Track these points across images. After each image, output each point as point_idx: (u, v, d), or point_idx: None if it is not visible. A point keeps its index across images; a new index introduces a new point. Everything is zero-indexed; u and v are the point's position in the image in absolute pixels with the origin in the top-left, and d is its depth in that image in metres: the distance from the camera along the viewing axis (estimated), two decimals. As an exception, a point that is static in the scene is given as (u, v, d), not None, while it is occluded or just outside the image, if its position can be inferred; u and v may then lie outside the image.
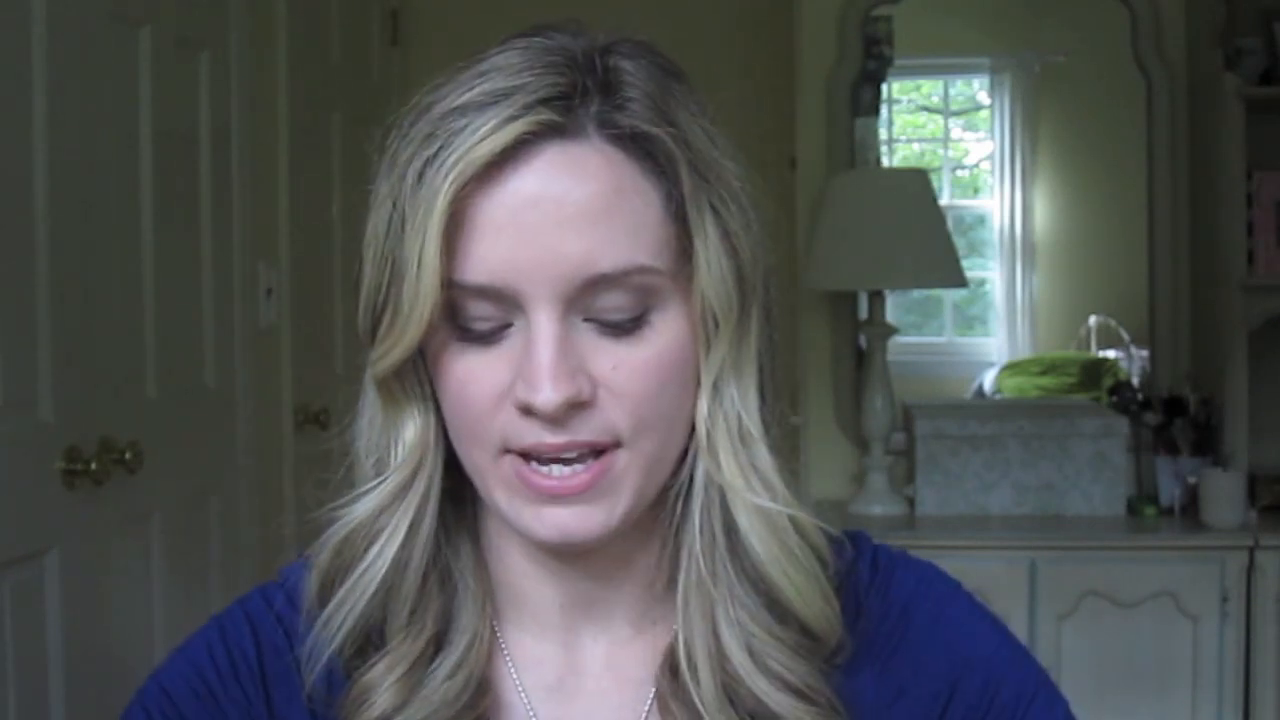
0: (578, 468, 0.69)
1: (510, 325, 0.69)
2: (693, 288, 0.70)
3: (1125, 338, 3.29)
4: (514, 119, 0.66)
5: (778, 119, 3.13)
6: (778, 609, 0.73)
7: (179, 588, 2.27)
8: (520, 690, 0.77)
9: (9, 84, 1.83)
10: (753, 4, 3.52)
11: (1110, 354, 3.34)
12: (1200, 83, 2.85)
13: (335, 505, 0.75)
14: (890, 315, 2.93)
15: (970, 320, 3.62)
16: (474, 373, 0.69)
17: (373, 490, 0.74)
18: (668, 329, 0.70)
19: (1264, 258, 2.71)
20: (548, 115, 0.66)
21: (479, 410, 0.69)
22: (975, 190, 3.61)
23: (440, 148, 0.66)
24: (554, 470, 0.69)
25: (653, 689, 0.76)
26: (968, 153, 3.69)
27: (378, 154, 0.71)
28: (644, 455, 0.70)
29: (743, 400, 0.73)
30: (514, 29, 0.71)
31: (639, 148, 0.68)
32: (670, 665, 0.75)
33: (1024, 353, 3.44)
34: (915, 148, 3.69)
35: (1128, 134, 3.04)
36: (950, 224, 2.91)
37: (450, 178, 0.65)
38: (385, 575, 0.73)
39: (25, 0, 1.86)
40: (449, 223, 0.66)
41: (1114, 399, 2.99)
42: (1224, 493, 2.60)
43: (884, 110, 3.25)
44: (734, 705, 0.72)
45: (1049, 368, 3.38)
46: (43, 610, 1.89)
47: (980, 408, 3.17)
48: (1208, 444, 2.74)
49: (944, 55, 3.51)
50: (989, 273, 3.48)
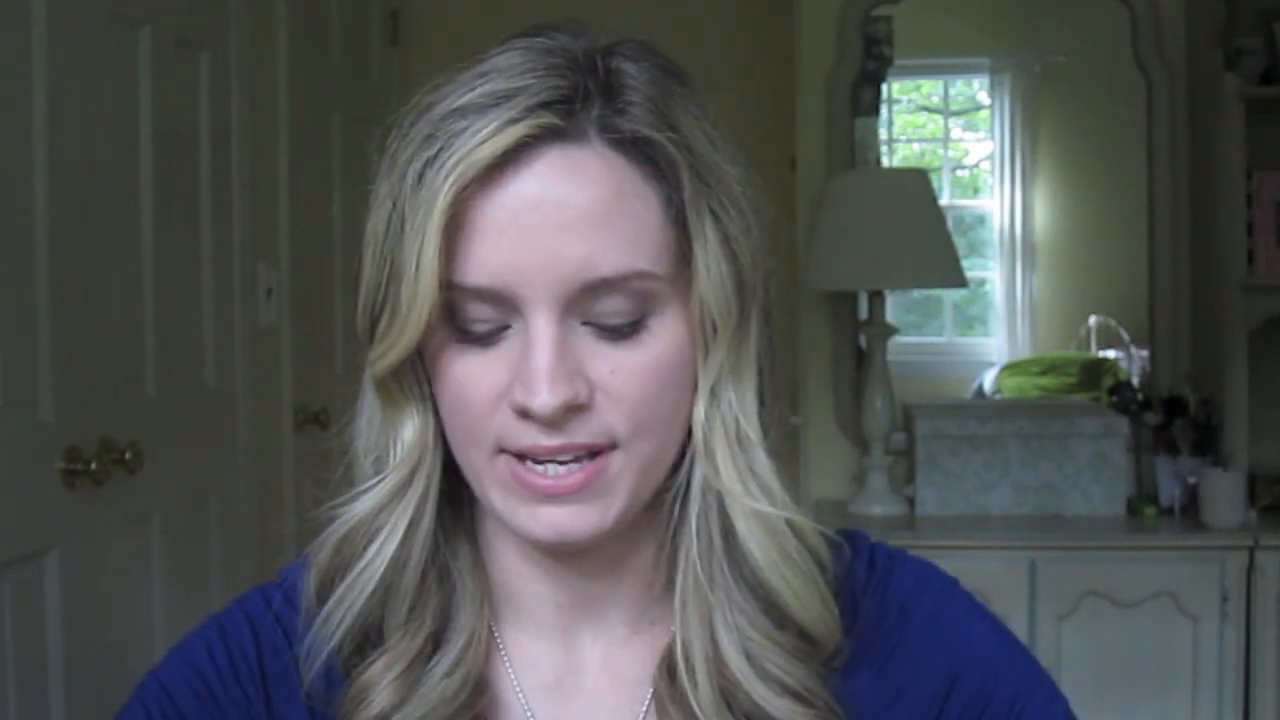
0: (573, 467, 0.69)
1: (509, 327, 0.69)
2: (692, 293, 0.70)
3: (1125, 338, 3.29)
4: (515, 122, 0.65)
5: (778, 119, 3.13)
6: (775, 613, 0.73)
7: (179, 588, 2.27)
8: (518, 690, 0.77)
9: (9, 84, 1.83)
10: (753, 4, 3.52)
11: (1110, 354, 3.34)
12: (1200, 83, 2.85)
13: (334, 504, 0.75)
14: (890, 315, 2.93)
15: (970, 320, 3.61)
16: (472, 374, 0.69)
17: (372, 489, 0.74)
18: (666, 333, 0.70)
19: (1264, 258, 2.71)
20: (549, 119, 0.66)
21: (476, 411, 0.69)
22: (975, 190, 3.60)
23: (441, 149, 0.66)
24: (549, 469, 0.69)
25: (650, 690, 0.76)
26: (968, 153, 3.69)
27: (378, 154, 0.71)
28: (640, 457, 0.70)
29: (741, 405, 0.72)
30: (514, 29, 0.71)
31: (640, 152, 0.68)
32: (668, 667, 0.75)
33: (1024, 353, 3.44)
34: (915, 148, 3.69)
35: (1128, 134, 3.04)
36: (950, 224, 2.91)
37: (450, 179, 0.65)
38: (384, 573, 0.73)
39: (25, 0, 1.86)
40: (448, 224, 0.66)
41: (1114, 399, 2.99)
42: (1224, 493, 2.60)
43: (884, 110, 3.25)
44: (731, 708, 0.72)
45: (1049, 368, 3.38)
46: (43, 610, 1.89)
47: (980, 408, 3.17)
48: (1208, 444, 2.74)
49: (944, 55, 3.51)
50: (989, 273, 3.48)
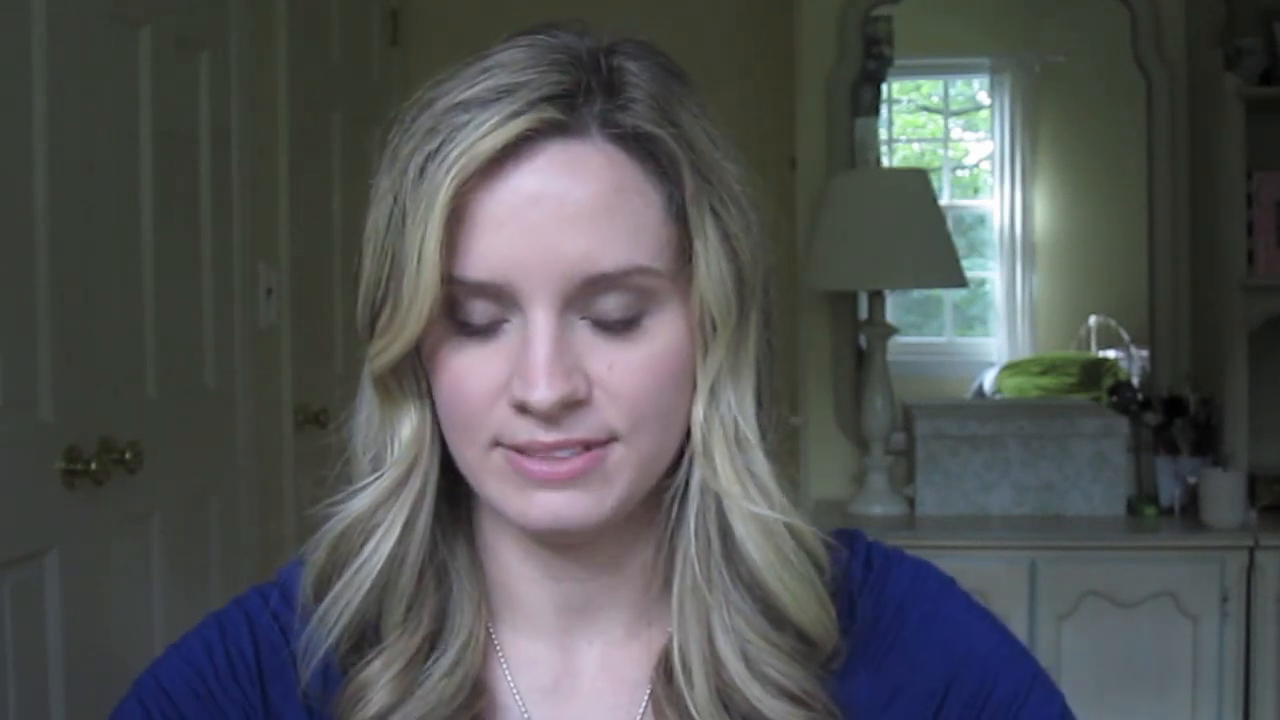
0: (569, 452, 0.69)
1: (508, 322, 0.69)
2: (692, 290, 0.70)
3: (1125, 338, 3.29)
4: (517, 115, 0.65)
5: (778, 119, 3.13)
6: (773, 614, 0.73)
7: (179, 588, 2.27)
8: (515, 692, 0.77)
9: (9, 84, 1.83)
10: (753, 4, 3.52)
11: (1110, 354, 3.34)
12: (1200, 83, 2.85)
13: (331, 501, 0.75)
14: (890, 315, 2.93)
15: (970, 320, 3.61)
16: (470, 369, 0.69)
17: (369, 486, 0.74)
18: (665, 330, 0.70)
19: (1264, 258, 2.71)
20: (551, 113, 0.66)
21: (474, 406, 0.69)
22: (975, 190, 3.60)
23: (443, 142, 0.66)
24: (544, 463, 0.69)
25: (648, 691, 0.76)
26: (968, 153, 3.69)
27: (379, 150, 0.71)
28: (638, 451, 0.70)
29: (739, 405, 0.72)
30: (514, 29, 0.71)
31: (641, 148, 0.68)
32: (665, 669, 0.75)
33: (1024, 353, 3.44)
34: (915, 148, 3.69)
35: (1128, 134, 3.04)
36: (950, 224, 2.91)
37: (452, 173, 0.65)
38: (381, 570, 0.73)
39: (25, 0, 1.86)
40: (449, 218, 0.66)
41: (1114, 399, 2.99)
42: (1224, 493, 2.60)
43: (884, 110, 3.25)
44: (728, 710, 0.72)
45: (1049, 368, 3.38)
46: (43, 610, 1.89)
47: (980, 408, 3.17)
48: (1208, 444, 2.74)
49: (944, 55, 3.51)
50: (989, 273, 3.48)
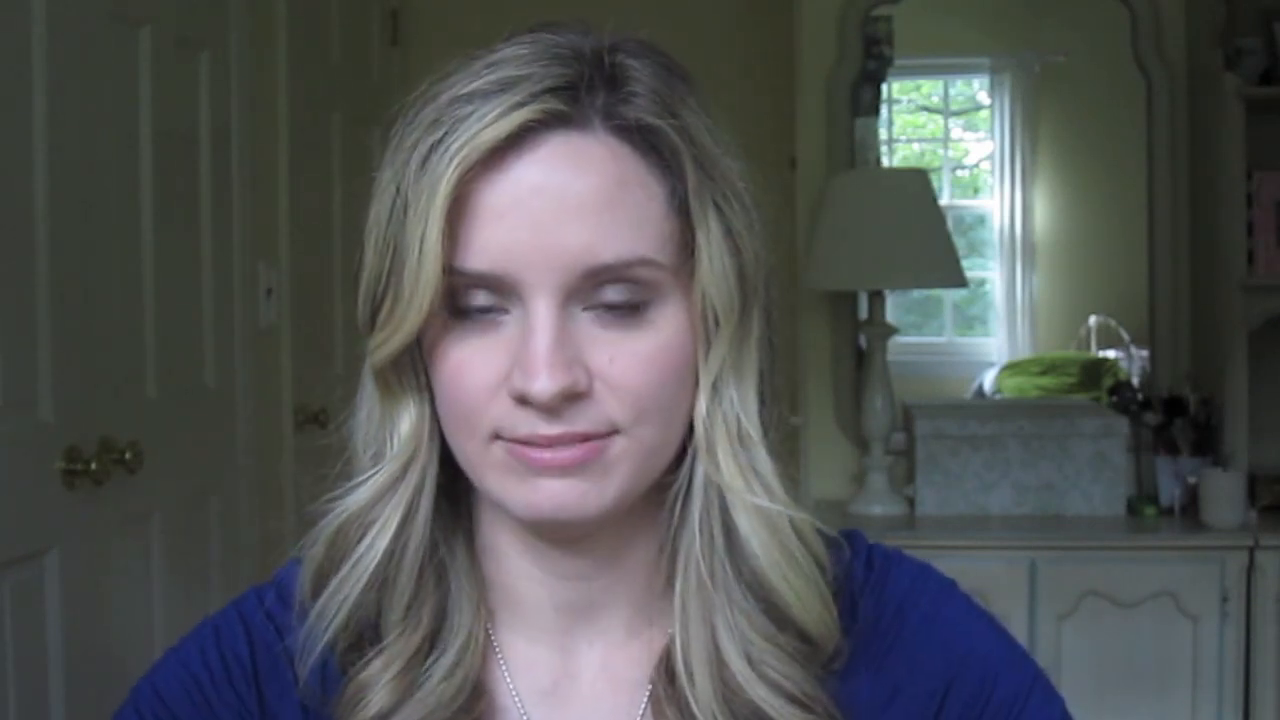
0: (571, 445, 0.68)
1: (509, 314, 0.69)
2: (694, 284, 0.70)
3: (1125, 338, 3.29)
4: (520, 106, 0.66)
5: (778, 119, 3.13)
6: (775, 613, 0.72)
7: (179, 588, 2.27)
8: (514, 694, 0.77)
9: (9, 84, 1.83)
10: (753, 4, 3.52)
11: (1110, 354, 3.34)
12: (1200, 83, 2.85)
13: (329, 497, 0.75)
14: (890, 315, 2.93)
15: (970, 320, 3.62)
16: (470, 361, 0.69)
17: (365, 482, 0.74)
18: (667, 324, 0.70)
19: (1264, 258, 2.71)
20: (553, 104, 0.66)
21: (474, 399, 0.69)
22: (975, 190, 3.61)
23: (446, 133, 0.66)
24: (545, 451, 0.68)
25: (647, 692, 0.76)
26: (968, 153, 3.69)
27: (381, 147, 0.71)
28: (640, 443, 0.69)
29: (742, 402, 0.72)
30: (515, 29, 0.71)
31: (644, 140, 0.68)
32: (666, 669, 0.74)
33: (1024, 353, 3.44)
34: (915, 148, 3.69)
35: (1128, 134, 3.04)
36: (950, 224, 2.91)
37: (454, 163, 0.65)
38: (378, 566, 0.73)
39: (25, 0, 1.86)
40: (451, 209, 0.66)
41: (1114, 399, 2.99)
42: (1224, 493, 2.60)
43: (884, 110, 3.25)
44: (731, 710, 0.72)
45: (1049, 368, 3.38)
46: (43, 610, 1.89)
47: (980, 408, 3.17)
48: (1208, 444, 2.74)
49: (944, 55, 3.51)
50: (989, 273, 3.48)
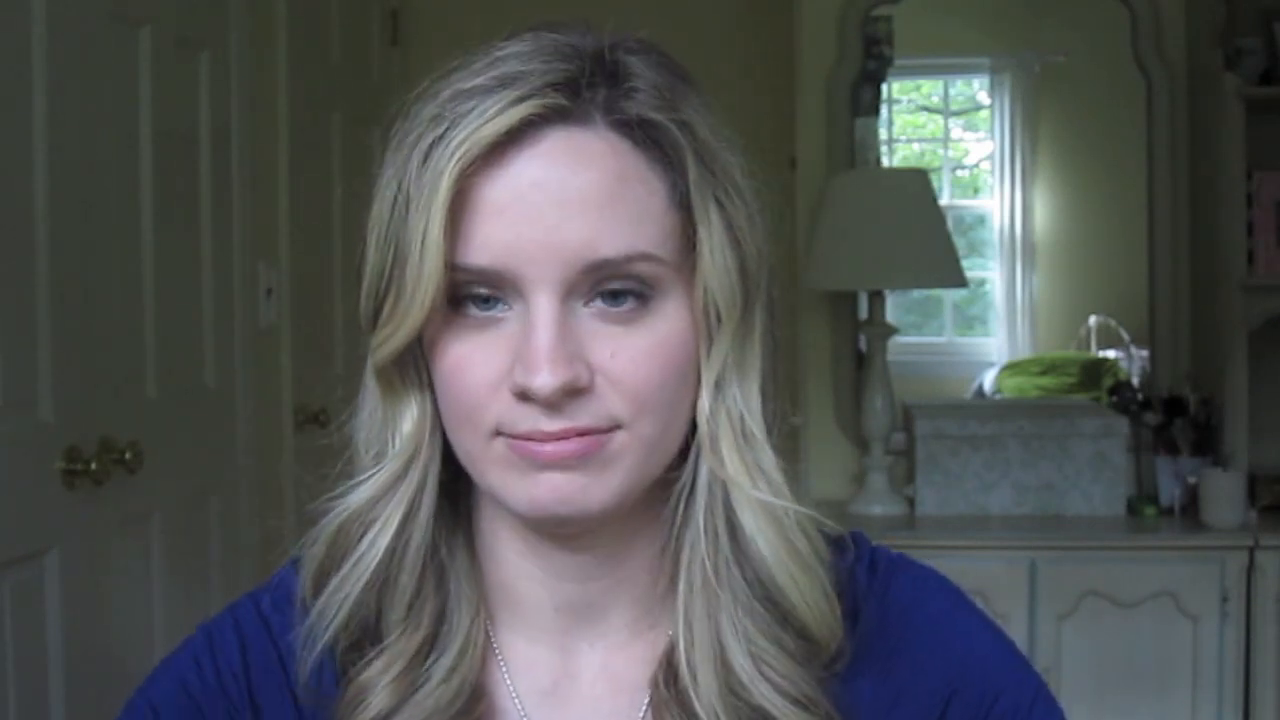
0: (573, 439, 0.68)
1: (510, 310, 0.69)
2: (696, 279, 0.70)
3: (1125, 338, 3.29)
4: (521, 101, 0.66)
5: (778, 119, 3.13)
6: (779, 612, 0.72)
7: (179, 588, 2.27)
8: (514, 695, 0.77)
9: (9, 84, 1.83)
10: (753, 4, 3.52)
11: (1110, 354, 3.34)
12: (1200, 83, 2.85)
13: (330, 496, 0.75)
14: (890, 315, 2.93)
15: (970, 320, 3.62)
16: (472, 357, 0.69)
17: (367, 480, 0.73)
18: (669, 320, 0.70)
19: (1264, 258, 2.72)
20: (554, 99, 0.66)
21: (475, 395, 0.69)
22: (975, 190, 3.61)
23: (447, 129, 0.66)
24: (548, 444, 0.68)
25: (648, 694, 0.75)
26: (968, 153, 3.69)
27: (382, 147, 0.71)
28: (642, 438, 0.69)
29: (745, 399, 0.72)
30: (515, 29, 0.71)
31: (645, 135, 0.68)
32: (669, 669, 0.74)
33: (1024, 353, 3.44)
34: (915, 148, 3.69)
35: (1128, 134, 3.04)
36: (950, 224, 2.91)
37: (456, 157, 0.65)
38: (379, 564, 0.73)
39: (25, 0, 1.86)
40: (453, 204, 0.66)
41: (1114, 399, 2.99)
42: (1224, 493, 2.60)
43: (884, 110, 3.25)
44: (735, 710, 0.71)
45: (1049, 368, 3.38)
46: (43, 610, 1.89)
47: (980, 408, 3.17)
48: (1208, 444, 2.74)
49: (944, 55, 3.51)
50: (989, 273, 3.48)
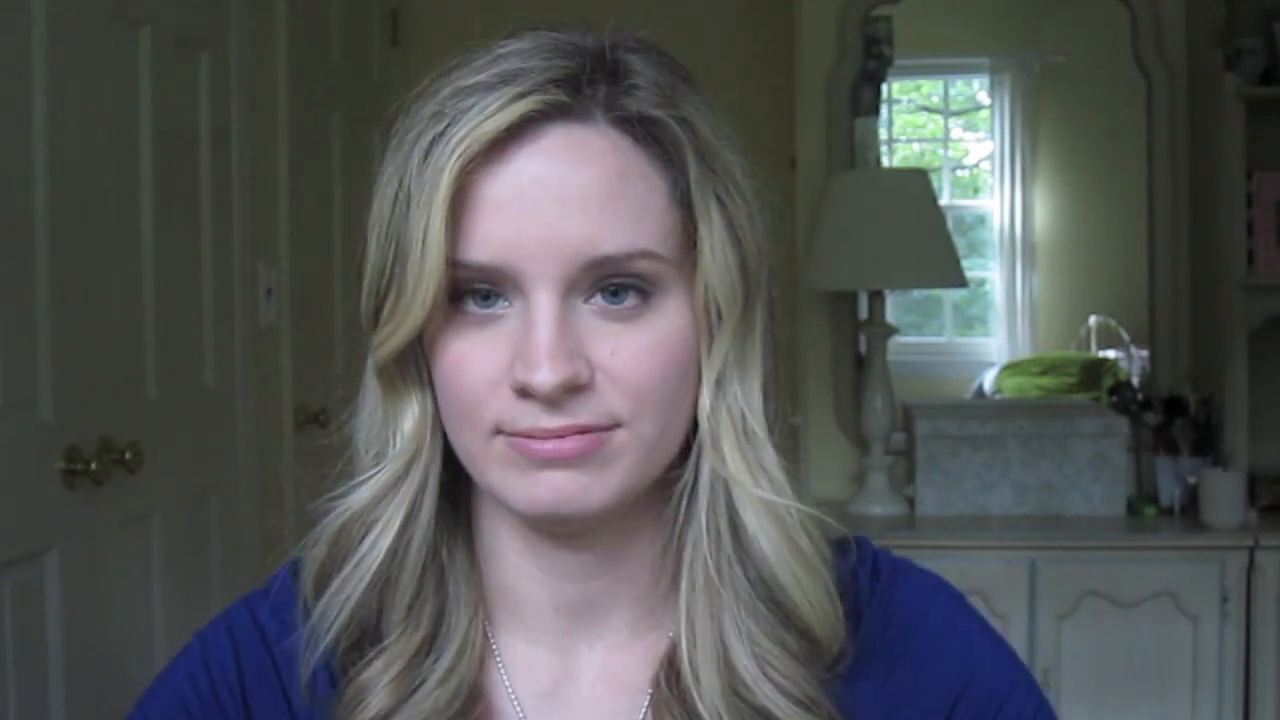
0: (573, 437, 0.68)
1: (510, 307, 0.69)
2: (696, 277, 0.70)
3: (1125, 338, 3.29)
4: (521, 97, 0.66)
5: (778, 119, 3.13)
6: (781, 612, 0.72)
7: (179, 588, 2.27)
8: (513, 697, 0.77)
9: (9, 84, 1.83)
10: (753, 4, 3.52)
11: (1110, 354, 3.34)
12: (1200, 83, 2.85)
13: (331, 496, 0.75)
14: (890, 315, 2.93)
15: (970, 320, 3.62)
16: (472, 354, 0.69)
17: (368, 480, 0.73)
18: (669, 317, 0.69)
19: (1264, 258, 2.72)
20: (555, 95, 0.66)
21: (475, 393, 0.69)
22: (975, 190, 3.61)
23: (448, 125, 0.66)
24: (548, 441, 0.68)
25: (648, 695, 0.75)
26: (968, 153, 3.69)
27: (382, 145, 0.71)
28: (642, 436, 0.69)
29: (746, 397, 0.72)
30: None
31: (645, 132, 0.68)
32: (671, 670, 0.74)
33: (1024, 353, 3.44)
34: (915, 148, 3.69)
35: (1128, 134, 3.04)
36: (950, 224, 2.91)
37: (457, 154, 0.65)
38: (380, 565, 0.73)
39: (25, 0, 1.86)
40: (453, 201, 0.66)
41: (1114, 399, 2.99)
42: (1224, 493, 2.60)
43: (884, 110, 3.25)
44: (738, 710, 0.71)
45: (1049, 368, 3.38)
46: (43, 610, 1.89)
47: (980, 408, 3.17)
48: (1208, 444, 2.74)
49: (944, 55, 3.51)
50: (989, 273, 3.48)
